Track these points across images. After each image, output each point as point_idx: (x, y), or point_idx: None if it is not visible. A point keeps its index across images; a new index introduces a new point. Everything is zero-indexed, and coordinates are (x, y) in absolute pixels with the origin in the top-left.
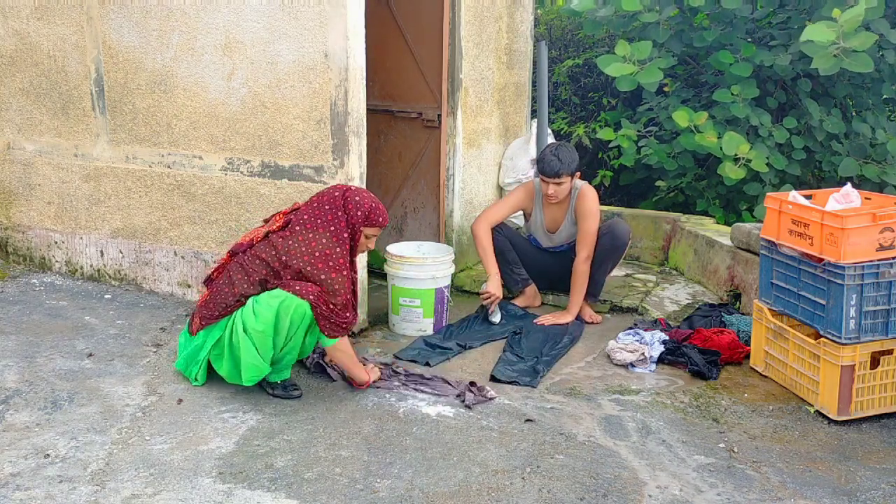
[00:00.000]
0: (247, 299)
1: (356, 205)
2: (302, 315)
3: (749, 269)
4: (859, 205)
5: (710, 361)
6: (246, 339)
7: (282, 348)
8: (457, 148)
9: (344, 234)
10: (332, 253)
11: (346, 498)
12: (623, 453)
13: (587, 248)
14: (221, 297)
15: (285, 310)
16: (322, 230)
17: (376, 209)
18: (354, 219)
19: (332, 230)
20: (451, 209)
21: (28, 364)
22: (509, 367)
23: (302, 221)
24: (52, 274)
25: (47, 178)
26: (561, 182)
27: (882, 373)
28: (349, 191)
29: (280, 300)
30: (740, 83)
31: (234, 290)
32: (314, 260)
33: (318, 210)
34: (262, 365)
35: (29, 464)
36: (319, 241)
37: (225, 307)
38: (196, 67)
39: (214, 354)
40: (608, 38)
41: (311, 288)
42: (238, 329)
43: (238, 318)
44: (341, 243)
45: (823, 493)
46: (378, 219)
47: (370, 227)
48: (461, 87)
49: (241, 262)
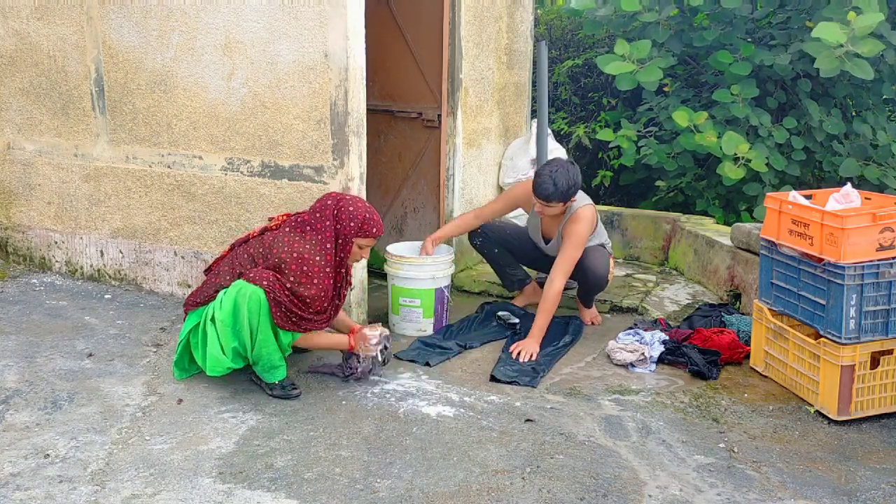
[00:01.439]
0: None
1: (349, 215)
2: (258, 302)
3: (749, 269)
4: (859, 205)
5: (710, 361)
6: (212, 329)
7: (252, 345)
8: (457, 148)
9: (327, 245)
10: (311, 259)
11: (346, 498)
12: (623, 453)
13: (562, 275)
14: (206, 287)
15: (242, 297)
16: (309, 237)
17: (370, 220)
18: (347, 229)
19: (319, 239)
20: (451, 209)
21: (28, 364)
22: (509, 367)
23: (293, 224)
24: (52, 274)
25: (47, 178)
26: (550, 204)
27: (882, 373)
28: (343, 200)
29: (238, 288)
30: (740, 83)
31: (216, 281)
32: (290, 260)
33: (310, 216)
34: (221, 357)
35: (29, 464)
36: (303, 246)
37: (206, 297)
38: (196, 67)
39: (193, 342)
40: (608, 38)
41: (265, 274)
42: (207, 318)
43: (210, 308)
44: (323, 253)
45: (823, 493)
46: (371, 230)
47: (363, 237)
48: (461, 87)
49: (232, 257)
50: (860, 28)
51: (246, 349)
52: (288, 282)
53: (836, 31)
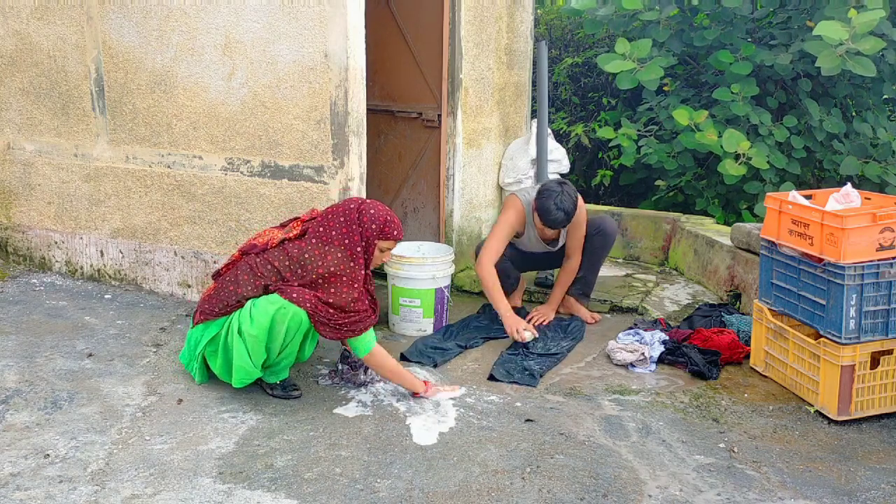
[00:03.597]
0: (247, 301)
1: (371, 218)
2: (298, 323)
3: (749, 269)
4: (859, 205)
5: (710, 361)
6: (239, 342)
7: (278, 354)
8: (457, 148)
9: (358, 249)
10: (346, 268)
11: (346, 498)
12: (623, 453)
13: (578, 254)
14: (224, 295)
15: (282, 317)
16: (337, 244)
17: (391, 223)
18: (369, 232)
19: (347, 243)
20: (451, 209)
21: (28, 364)
22: (509, 368)
23: (318, 234)
24: (52, 274)
25: (47, 178)
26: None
27: (882, 373)
28: (364, 204)
29: (277, 307)
30: (740, 82)
31: (237, 290)
32: (328, 275)
33: (333, 222)
34: (252, 370)
35: (29, 464)
36: (335, 256)
37: (225, 306)
38: (196, 67)
39: (210, 351)
40: (608, 38)
41: (307, 295)
42: (234, 330)
43: (235, 319)
44: (355, 258)
45: (823, 493)
46: (393, 232)
47: (385, 240)
48: (461, 87)
49: (252, 265)
50: (861, 25)
51: (271, 359)
52: (328, 295)
53: (838, 28)
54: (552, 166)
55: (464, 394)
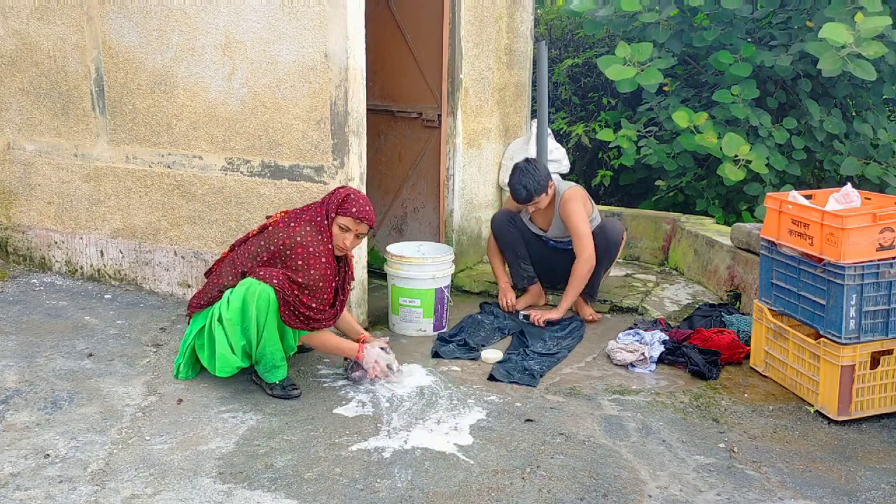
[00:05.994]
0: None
1: (336, 194)
2: (266, 300)
3: (749, 269)
4: (859, 205)
5: (710, 361)
6: (219, 329)
7: (257, 343)
8: (457, 148)
9: (324, 222)
10: (313, 240)
11: (346, 498)
12: (623, 453)
13: (585, 249)
14: (209, 288)
15: (251, 296)
16: (307, 218)
17: (354, 201)
18: (329, 206)
19: (313, 216)
20: (451, 209)
21: (28, 364)
22: (509, 368)
23: (291, 215)
24: (52, 274)
25: (47, 178)
26: (536, 202)
27: (882, 373)
28: (339, 187)
29: (246, 286)
30: (740, 83)
31: (219, 282)
32: (294, 244)
33: (307, 205)
34: (231, 356)
35: (29, 464)
36: (302, 228)
37: (210, 298)
38: (196, 67)
39: (198, 344)
40: (608, 38)
41: (275, 272)
42: (215, 318)
43: (216, 309)
44: (322, 231)
45: (823, 493)
46: (352, 209)
47: (343, 216)
48: (461, 87)
49: (233, 257)
50: (866, 30)
51: (252, 347)
52: (295, 270)
53: (843, 32)
54: (552, 166)
55: (464, 393)
